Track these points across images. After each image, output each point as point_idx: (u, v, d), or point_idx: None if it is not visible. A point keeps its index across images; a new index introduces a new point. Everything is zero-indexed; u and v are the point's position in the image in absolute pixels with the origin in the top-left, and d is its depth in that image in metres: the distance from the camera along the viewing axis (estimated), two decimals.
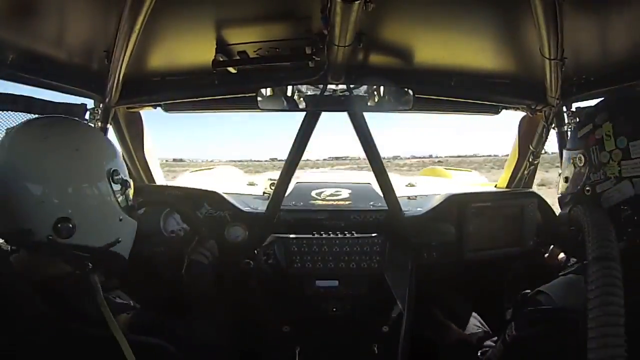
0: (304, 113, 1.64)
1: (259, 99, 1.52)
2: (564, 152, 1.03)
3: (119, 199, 0.96)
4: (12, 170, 0.84)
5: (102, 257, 0.93)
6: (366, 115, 1.64)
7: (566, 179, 1.00)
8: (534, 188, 1.95)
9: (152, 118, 1.86)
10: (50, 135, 0.88)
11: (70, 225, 0.86)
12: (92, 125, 1.52)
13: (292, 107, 1.60)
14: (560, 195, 1.04)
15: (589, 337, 0.73)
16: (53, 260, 0.88)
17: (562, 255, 1.57)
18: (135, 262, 1.41)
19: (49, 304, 0.81)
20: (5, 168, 0.85)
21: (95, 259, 0.91)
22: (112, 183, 0.93)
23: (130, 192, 1.02)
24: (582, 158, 0.93)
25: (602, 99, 1.01)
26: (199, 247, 1.33)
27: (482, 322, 1.52)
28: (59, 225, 0.85)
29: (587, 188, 0.93)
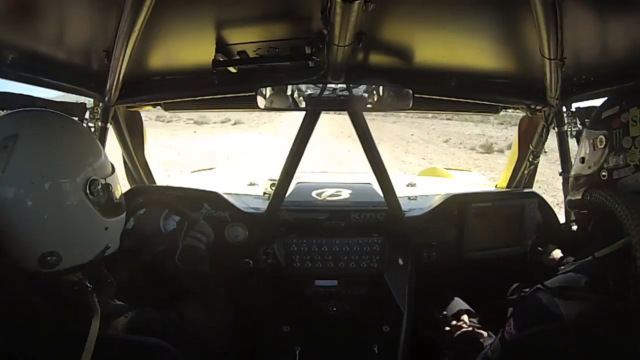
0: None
1: (258, 98, 1.52)
2: (584, 131, 1.00)
3: (102, 208, 0.90)
4: None
5: (93, 267, 0.92)
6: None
7: (582, 160, 0.97)
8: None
9: None
10: (9, 165, 0.78)
11: (55, 258, 0.82)
12: (92, 125, 1.52)
13: (292, 106, 1.61)
14: (573, 176, 1.02)
15: None
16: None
17: (560, 255, 1.57)
18: (137, 267, 1.41)
19: (48, 303, 0.81)
20: None
21: (87, 270, 0.90)
22: (90, 196, 0.86)
23: (116, 186, 0.96)
24: (604, 139, 0.90)
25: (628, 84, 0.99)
26: (191, 231, 1.31)
27: (482, 321, 1.52)
28: (48, 259, 0.82)
29: (604, 173, 0.90)
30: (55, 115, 0.96)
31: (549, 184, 6.67)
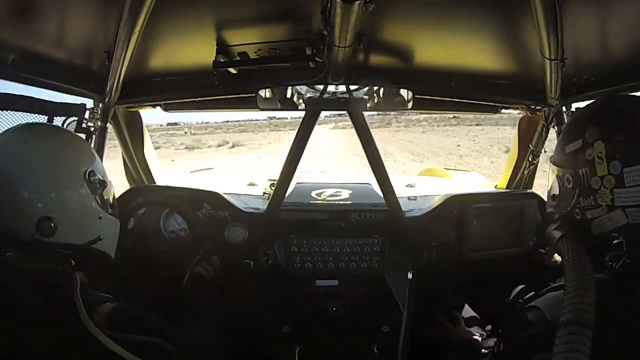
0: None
1: (258, 98, 1.52)
2: (551, 165, 0.96)
3: (97, 198, 0.99)
4: None
5: (85, 254, 0.96)
6: None
7: (554, 197, 0.93)
8: None
9: None
10: (29, 139, 0.92)
11: (52, 224, 0.89)
12: (92, 124, 1.52)
13: (292, 107, 1.61)
14: (549, 211, 0.98)
15: None
16: (39, 258, 0.91)
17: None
18: (134, 262, 1.42)
19: (43, 299, 0.83)
20: None
21: (78, 256, 0.95)
22: (88, 184, 0.97)
23: (110, 191, 1.06)
24: (571, 179, 0.86)
25: (591, 106, 0.94)
26: (202, 261, 1.39)
27: (482, 322, 1.52)
28: (44, 224, 0.89)
29: (577, 211, 0.86)
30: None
31: None
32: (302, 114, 1.65)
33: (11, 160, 0.89)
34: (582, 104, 1.55)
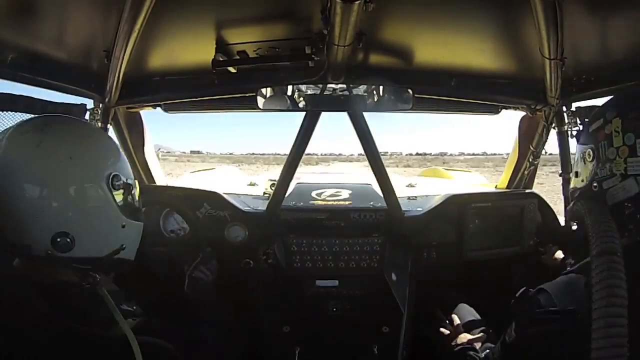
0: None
1: (258, 98, 1.52)
2: (577, 146, 1.03)
3: (121, 205, 0.90)
4: (6, 179, 0.79)
5: (106, 265, 0.90)
6: None
7: (577, 174, 1.01)
8: None
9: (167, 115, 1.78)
10: (43, 142, 0.82)
11: (69, 240, 0.81)
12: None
13: (292, 106, 1.60)
14: (571, 190, 1.06)
15: (592, 336, 0.73)
16: (54, 270, 0.85)
17: (561, 255, 1.57)
18: (134, 262, 1.42)
19: (52, 306, 0.80)
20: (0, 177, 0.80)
21: (99, 267, 0.88)
22: (112, 189, 0.87)
23: (136, 192, 0.98)
24: (591, 153, 0.94)
25: (614, 95, 1.01)
26: (201, 266, 1.37)
27: (482, 322, 1.52)
28: (58, 240, 0.81)
29: (595, 184, 0.93)
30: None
31: None
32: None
33: (23, 167, 0.80)
34: (582, 104, 1.55)
